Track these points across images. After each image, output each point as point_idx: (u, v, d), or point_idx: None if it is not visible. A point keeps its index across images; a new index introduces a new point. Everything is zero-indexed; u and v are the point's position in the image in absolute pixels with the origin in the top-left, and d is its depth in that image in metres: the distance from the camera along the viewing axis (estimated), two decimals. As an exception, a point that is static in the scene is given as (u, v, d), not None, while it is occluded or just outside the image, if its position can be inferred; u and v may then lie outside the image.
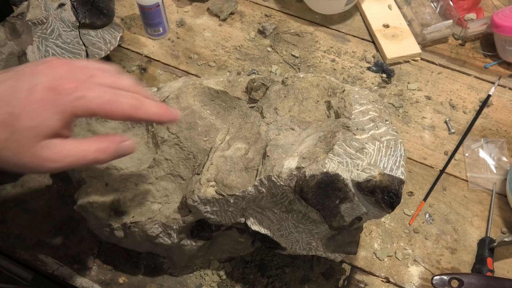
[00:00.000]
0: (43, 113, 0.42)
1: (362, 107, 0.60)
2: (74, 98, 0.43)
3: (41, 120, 0.42)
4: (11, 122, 0.42)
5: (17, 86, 0.43)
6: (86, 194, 0.64)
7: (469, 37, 0.99)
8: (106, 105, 0.44)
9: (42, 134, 0.43)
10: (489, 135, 0.86)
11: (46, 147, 0.43)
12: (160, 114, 0.49)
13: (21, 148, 0.43)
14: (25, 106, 0.42)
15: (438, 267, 0.73)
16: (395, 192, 0.53)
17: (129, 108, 0.46)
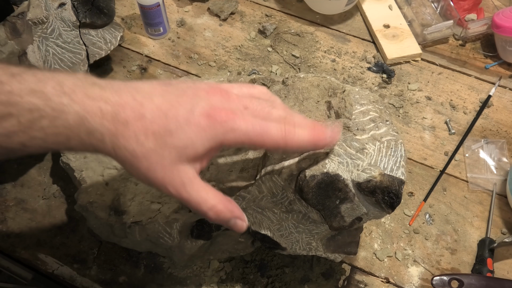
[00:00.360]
0: (195, 137, 0.43)
1: (363, 107, 0.60)
2: (228, 129, 0.44)
3: (191, 143, 0.44)
4: (163, 136, 0.43)
5: (177, 104, 0.44)
6: (86, 194, 0.64)
7: (469, 38, 0.99)
8: (256, 138, 0.45)
9: (185, 157, 0.44)
10: (489, 136, 0.86)
11: (181, 173, 0.44)
12: (313, 141, 0.48)
13: (160, 164, 0.44)
14: (181, 125, 0.43)
15: (438, 268, 0.73)
16: (395, 192, 0.53)
17: (278, 138, 0.46)
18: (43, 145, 0.43)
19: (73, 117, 0.41)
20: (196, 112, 0.44)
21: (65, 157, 0.69)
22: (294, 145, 0.47)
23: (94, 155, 0.68)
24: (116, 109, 0.42)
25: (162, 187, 0.45)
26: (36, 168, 0.79)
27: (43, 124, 0.41)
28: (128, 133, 0.42)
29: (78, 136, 0.42)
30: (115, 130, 0.42)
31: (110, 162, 0.67)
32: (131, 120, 0.42)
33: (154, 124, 0.43)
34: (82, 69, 0.76)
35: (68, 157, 0.68)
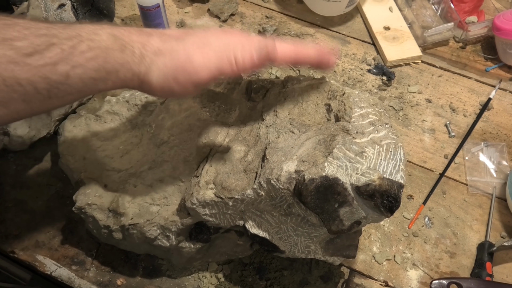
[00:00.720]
0: (212, 49, 0.52)
1: (362, 110, 0.60)
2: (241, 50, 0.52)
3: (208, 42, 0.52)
4: (182, 37, 0.52)
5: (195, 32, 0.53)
6: (85, 196, 0.64)
7: (470, 40, 0.99)
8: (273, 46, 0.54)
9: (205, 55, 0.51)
10: (489, 139, 0.86)
11: (203, 54, 0.51)
12: (318, 55, 0.58)
13: (183, 49, 0.51)
14: (199, 34, 0.53)
15: (437, 271, 0.73)
16: (395, 196, 0.53)
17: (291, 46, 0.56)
18: (84, 75, 0.47)
19: (107, 37, 0.48)
20: (213, 31, 0.53)
21: (64, 158, 0.69)
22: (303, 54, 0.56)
23: (93, 156, 0.68)
24: (137, 29, 0.51)
25: (189, 69, 0.51)
26: (35, 170, 0.79)
27: (82, 48, 0.46)
28: (152, 39, 0.50)
29: (113, 56, 0.48)
30: (141, 40, 0.50)
31: (109, 163, 0.67)
32: (153, 32, 0.51)
33: (173, 33, 0.52)
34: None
35: (67, 158, 0.68)
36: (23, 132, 0.72)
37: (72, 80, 0.47)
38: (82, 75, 0.47)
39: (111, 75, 0.49)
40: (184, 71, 0.51)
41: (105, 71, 0.48)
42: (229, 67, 0.52)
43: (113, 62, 0.49)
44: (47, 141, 0.79)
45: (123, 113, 0.71)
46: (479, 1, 0.99)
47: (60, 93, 0.47)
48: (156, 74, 0.51)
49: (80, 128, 0.70)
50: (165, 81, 0.51)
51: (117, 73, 0.49)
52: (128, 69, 0.50)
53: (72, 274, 0.70)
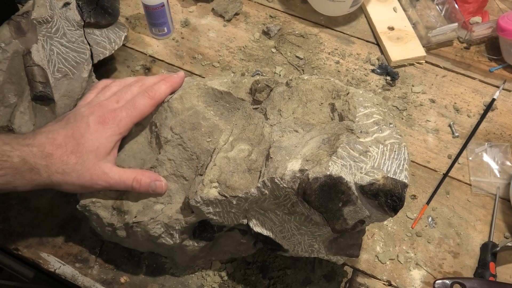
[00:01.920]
0: (100, 139, 0.61)
1: (366, 110, 0.60)
2: (117, 122, 0.62)
3: (100, 144, 0.60)
4: (79, 149, 0.59)
5: (76, 127, 0.60)
6: (89, 193, 0.65)
7: (474, 41, 0.99)
8: (138, 114, 0.64)
9: (100, 155, 0.61)
10: (493, 139, 0.86)
11: (102, 167, 0.61)
12: (171, 86, 0.67)
13: (85, 168, 0.60)
14: (86, 137, 0.60)
15: (440, 271, 0.73)
16: (398, 195, 0.53)
17: (150, 102, 0.65)
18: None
19: (17, 160, 0.57)
20: (91, 124, 0.61)
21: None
22: (162, 97, 0.66)
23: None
24: (41, 148, 0.58)
25: (94, 185, 0.61)
26: (39, 167, 0.79)
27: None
28: (54, 160, 0.58)
29: (22, 174, 0.57)
30: (45, 162, 0.58)
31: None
32: (53, 151, 0.58)
33: (68, 146, 0.59)
34: (86, 68, 0.76)
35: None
36: (27, 129, 0.72)
37: None
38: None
39: (18, 188, 0.58)
40: (92, 183, 0.61)
41: (13, 186, 0.58)
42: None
43: (21, 181, 0.58)
44: (52, 139, 0.79)
45: (127, 111, 0.72)
46: (483, 2, 0.99)
47: None
48: (70, 182, 0.60)
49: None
50: (80, 185, 0.61)
51: (24, 187, 0.59)
52: (36, 184, 0.59)
53: (75, 271, 0.71)
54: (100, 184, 0.61)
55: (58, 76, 0.73)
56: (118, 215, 0.64)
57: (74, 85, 0.75)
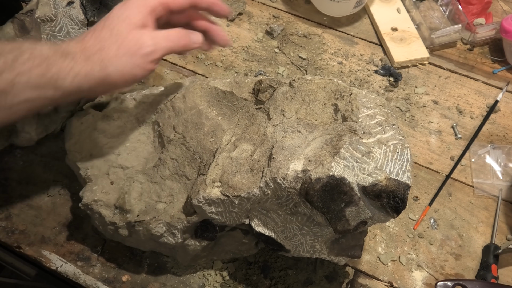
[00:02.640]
0: (129, 11, 0.56)
1: (369, 110, 0.60)
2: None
3: (128, 14, 0.56)
4: (107, 23, 0.56)
5: (103, 18, 0.57)
6: (91, 192, 0.65)
7: (477, 42, 0.98)
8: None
9: (133, 23, 0.56)
10: (496, 141, 0.86)
11: (141, 33, 0.56)
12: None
13: (121, 38, 0.55)
14: (113, 12, 0.57)
15: (442, 273, 0.73)
16: (401, 197, 0.53)
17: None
18: (29, 82, 0.51)
19: (47, 47, 0.52)
20: (117, 6, 0.57)
21: (71, 154, 0.69)
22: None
23: (99, 153, 0.68)
24: (71, 41, 0.55)
25: (138, 51, 0.56)
26: (42, 165, 0.79)
27: (24, 58, 0.50)
28: (88, 41, 0.55)
29: (56, 63, 0.52)
30: (80, 46, 0.54)
31: (115, 161, 0.67)
32: (84, 37, 0.55)
33: (98, 26, 0.56)
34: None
35: (74, 155, 0.69)
36: (30, 128, 0.72)
37: (18, 87, 0.50)
38: (27, 82, 0.51)
39: (58, 81, 0.52)
40: (135, 50, 0.56)
41: (50, 77, 0.52)
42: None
43: (57, 69, 0.52)
44: (54, 138, 0.80)
45: (130, 110, 0.72)
46: (487, 3, 0.99)
47: (8, 101, 0.51)
48: (113, 66, 0.55)
49: (87, 125, 0.71)
50: (124, 71, 0.56)
51: (65, 79, 0.53)
52: (76, 73, 0.53)
53: (77, 270, 0.71)
54: (145, 51, 0.56)
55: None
56: (120, 214, 0.64)
57: (77, 84, 0.75)
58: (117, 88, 0.59)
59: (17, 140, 0.74)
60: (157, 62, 0.58)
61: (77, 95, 0.56)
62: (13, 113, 0.52)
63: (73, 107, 0.76)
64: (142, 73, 0.57)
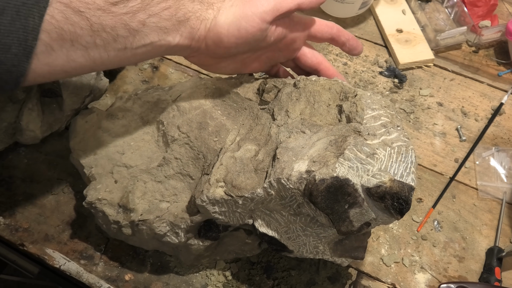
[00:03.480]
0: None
1: (374, 112, 0.60)
2: None
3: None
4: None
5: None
6: (95, 191, 0.65)
7: (483, 44, 0.98)
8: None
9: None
10: (500, 144, 0.85)
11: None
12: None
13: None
14: None
15: (445, 275, 0.73)
16: (405, 198, 0.53)
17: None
18: (158, 24, 0.53)
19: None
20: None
21: (75, 153, 0.69)
22: None
23: (104, 152, 0.68)
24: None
25: (248, 6, 0.56)
26: (46, 164, 0.79)
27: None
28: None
29: (184, 5, 0.54)
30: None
31: (120, 159, 0.67)
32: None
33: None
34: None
35: (78, 153, 0.69)
36: (35, 126, 0.73)
37: (147, 29, 0.52)
38: (157, 23, 0.53)
39: (181, 24, 0.55)
40: (250, 4, 0.56)
41: (176, 20, 0.54)
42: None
43: (184, 11, 0.54)
44: (59, 136, 0.80)
45: (134, 109, 0.72)
46: (492, 6, 0.99)
47: (135, 42, 0.53)
48: (224, 14, 0.56)
49: (92, 124, 0.71)
50: (233, 19, 0.56)
51: (187, 22, 0.55)
52: (197, 16, 0.55)
53: (80, 268, 0.71)
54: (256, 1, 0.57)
55: (66, 73, 0.73)
56: (124, 213, 0.64)
57: (83, 83, 0.75)
58: (221, 45, 0.59)
59: (22, 138, 0.74)
60: (268, 20, 0.57)
61: (187, 47, 0.58)
62: (133, 56, 0.54)
63: (78, 106, 0.76)
64: (248, 27, 0.57)
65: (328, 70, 0.69)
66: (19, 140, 0.75)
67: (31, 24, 0.46)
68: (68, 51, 0.50)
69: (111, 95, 0.86)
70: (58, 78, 0.56)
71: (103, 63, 0.53)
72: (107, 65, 0.54)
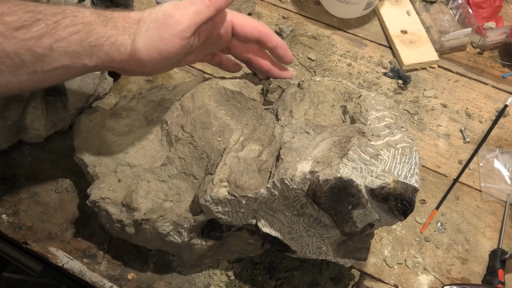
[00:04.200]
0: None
1: (378, 113, 0.59)
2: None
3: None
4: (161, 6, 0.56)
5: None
6: (98, 189, 0.65)
7: (487, 46, 0.98)
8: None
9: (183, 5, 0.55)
10: (504, 146, 0.85)
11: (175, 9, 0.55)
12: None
13: (160, 13, 0.54)
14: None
15: (448, 277, 0.72)
16: (409, 200, 0.53)
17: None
18: (67, 48, 0.51)
19: (90, 13, 0.52)
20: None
21: (79, 152, 0.69)
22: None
23: (107, 151, 0.68)
24: (118, 12, 0.55)
25: (164, 27, 0.54)
26: (50, 162, 0.79)
27: (66, 23, 0.51)
28: (131, 14, 0.55)
29: (96, 30, 0.52)
30: (122, 15, 0.54)
31: (123, 158, 0.67)
32: (130, 12, 0.56)
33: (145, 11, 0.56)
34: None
35: (82, 152, 0.69)
36: (39, 125, 0.73)
37: (56, 53, 0.51)
38: (66, 48, 0.51)
39: (95, 48, 0.53)
40: (166, 26, 0.54)
41: (88, 45, 0.52)
42: (204, 6, 0.56)
43: (96, 36, 0.52)
44: (63, 135, 0.80)
45: (138, 108, 0.72)
46: (497, 7, 0.99)
47: (45, 66, 0.51)
48: (142, 39, 0.54)
49: (96, 123, 0.71)
50: (152, 44, 0.54)
51: (101, 47, 0.53)
52: (112, 42, 0.53)
53: (83, 267, 0.71)
54: (170, 19, 0.55)
55: (71, 72, 0.73)
56: (127, 212, 0.64)
57: (87, 81, 0.75)
58: (146, 68, 0.57)
59: (26, 136, 0.74)
60: (187, 37, 0.56)
61: (109, 67, 0.57)
62: (48, 78, 0.53)
63: (82, 105, 0.76)
64: (169, 48, 0.55)
65: (268, 37, 0.65)
66: (23, 139, 0.75)
67: None
68: None
69: (115, 94, 0.86)
70: None
71: (16, 87, 0.52)
72: (22, 88, 0.53)
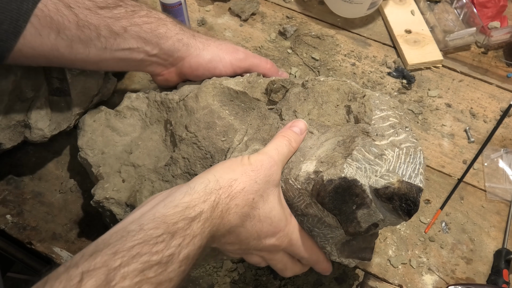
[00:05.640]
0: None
1: (383, 113, 0.59)
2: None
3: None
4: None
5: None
6: (103, 190, 0.65)
7: (492, 46, 0.98)
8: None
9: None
10: (509, 145, 0.85)
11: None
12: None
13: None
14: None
15: (452, 277, 0.72)
16: (413, 200, 0.52)
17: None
18: (138, 33, 0.61)
19: (165, 15, 0.65)
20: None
21: (83, 152, 0.69)
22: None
23: (111, 151, 0.68)
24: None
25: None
26: (54, 162, 0.80)
27: (142, 13, 0.62)
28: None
29: (167, 26, 0.64)
30: (194, 33, 0.69)
31: (127, 159, 0.67)
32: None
33: None
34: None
35: (86, 152, 0.69)
36: (43, 125, 0.73)
37: (127, 35, 0.60)
38: (137, 32, 0.61)
39: (161, 39, 0.63)
40: (229, 51, 0.69)
41: (156, 35, 0.62)
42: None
43: (165, 29, 0.63)
44: (67, 135, 0.80)
45: (142, 109, 0.72)
46: (502, 7, 0.98)
47: (115, 45, 0.61)
48: (210, 51, 0.67)
49: (100, 123, 0.71)
50: (215, 59, 0.67)
51: (167, 39, 0.63)
52: (179, 39, 0.64)
53: (88, 267, 0.71)
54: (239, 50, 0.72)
55: (75, 73, 0.73)
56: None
57: (91, 82, 0.75)
58: (197, 74, 0.70)
59: (30, 136, 0.74)
60: (238, 71, 0.72)
61: (163, 60, 0.66)
62: (111, 59, 0.63)
63: (86, 105, 0.76)
64: (222, 70, 0.70)
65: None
66: (27, 139, 0.75)
67: (25, 7, 0.53)
68: (53, 40, 0.57)
69: (119, 94, 0.86)
70: (40, 64, 0.64)
71: (83, 60, 0.61)
72: (87, 63, 0.62)
